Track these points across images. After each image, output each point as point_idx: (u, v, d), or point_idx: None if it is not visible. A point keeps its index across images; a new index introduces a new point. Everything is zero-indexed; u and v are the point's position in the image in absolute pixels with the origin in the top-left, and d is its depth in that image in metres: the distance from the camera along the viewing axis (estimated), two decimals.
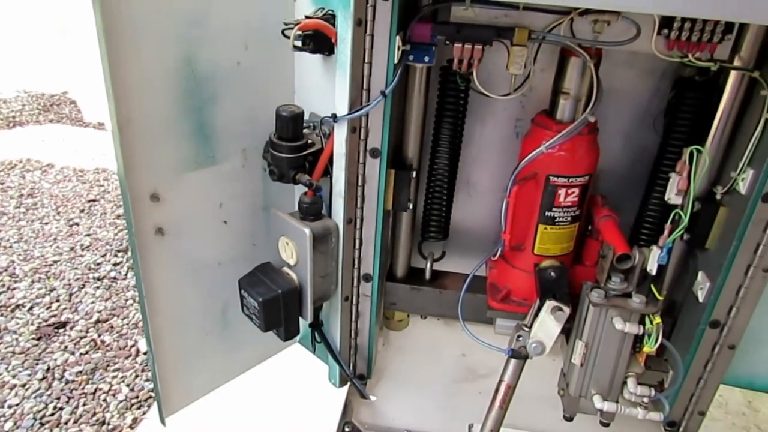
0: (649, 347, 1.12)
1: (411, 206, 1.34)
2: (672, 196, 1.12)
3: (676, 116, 1.23)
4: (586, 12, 1.07)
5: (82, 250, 3.12)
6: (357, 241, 1.27)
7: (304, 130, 1.22)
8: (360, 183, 1.20)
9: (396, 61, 1.09)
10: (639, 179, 1.40)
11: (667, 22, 1.04)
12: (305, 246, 1.17)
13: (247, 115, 1.22)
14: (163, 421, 1.35)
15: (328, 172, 1.22)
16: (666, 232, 1.13)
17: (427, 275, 1.48)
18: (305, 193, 1.20)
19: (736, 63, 1.09)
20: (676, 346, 1.37)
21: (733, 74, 1.11)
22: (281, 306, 1.20)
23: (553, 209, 1.25)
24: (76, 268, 2.95)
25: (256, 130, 1.22)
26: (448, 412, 1.40)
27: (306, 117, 1.21)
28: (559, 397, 1.34)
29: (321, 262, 1.22)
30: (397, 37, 1.06)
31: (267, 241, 1.32)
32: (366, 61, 1.08)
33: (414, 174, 1.30)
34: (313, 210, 1.20)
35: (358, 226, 1.25)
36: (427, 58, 1.16)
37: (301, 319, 1.31)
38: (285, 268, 1.26)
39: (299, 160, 1.18)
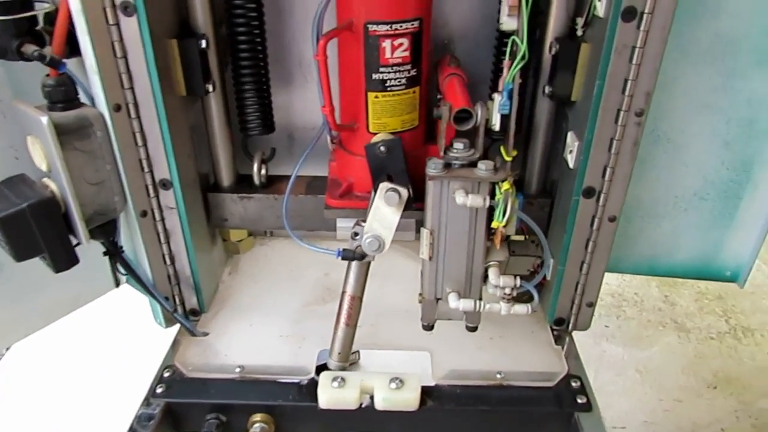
0: (498, 221, 0.90)
1: (211, 89, 1.06)
2: (504, 19, 0.87)
3: None
4: None
5: None
6: (137, 136, 0.98)
7: None
8: (119, 53, 0.91)
9: None
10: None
11: None
12: (48, 141, 0.88)
13: None
14: None
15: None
16: (505, 70, 0.88)
17: (257, 180, 1.21)
18: (47, 75, 0.91)
19: None
20: (555, 228, 1.17)
21: None
22: (33, 225, 0.91)
23: (381, 70, 0.99)
24: None
25: None
26: (295, 340, 1.16)
27: None
28: None
29: (84, 165, 0.94)
30: None
31: None
32: None
33: (205, 44, 1.01)
34: (60, 95, 0.90)
35: (132, 114, 0.96)
36: None
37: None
38: (44, 179, 0.97)
39: (22, 25, 0.87)
